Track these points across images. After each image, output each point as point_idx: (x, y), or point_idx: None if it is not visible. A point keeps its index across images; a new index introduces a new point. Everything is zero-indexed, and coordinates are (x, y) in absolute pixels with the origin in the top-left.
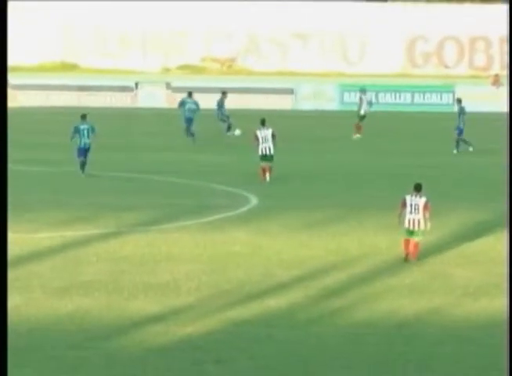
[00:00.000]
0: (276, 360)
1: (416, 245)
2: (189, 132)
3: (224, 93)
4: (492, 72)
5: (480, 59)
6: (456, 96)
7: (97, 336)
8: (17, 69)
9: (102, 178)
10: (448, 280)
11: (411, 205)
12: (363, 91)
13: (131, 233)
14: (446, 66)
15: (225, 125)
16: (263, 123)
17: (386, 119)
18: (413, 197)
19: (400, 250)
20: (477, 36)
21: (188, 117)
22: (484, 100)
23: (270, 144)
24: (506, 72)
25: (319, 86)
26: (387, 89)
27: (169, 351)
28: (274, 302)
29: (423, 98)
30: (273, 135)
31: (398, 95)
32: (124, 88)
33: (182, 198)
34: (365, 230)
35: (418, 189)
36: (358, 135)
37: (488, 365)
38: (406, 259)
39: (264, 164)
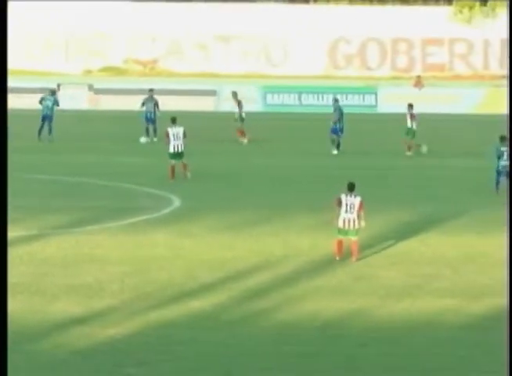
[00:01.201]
0: (199, 363)
1: (356, 244)
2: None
3: (151, 90)
4: (414, 74)
5: (402, 61)
6: (378, 98)
7: (20, 339)
8: None
9: (25, 180)
10: (371, 281)
11: (346, 205)
12: (235, 94)
13: (54, 235)
14: (368, 68)
15: (145, 127)
16: (174, 121)
17: (309, 120)
18: (348, 197)
19: (324, 251)
20: (399, 37)
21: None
22: (407, 102)
23: (181, 142)
24: (427, 74)
25: (242, 88)
26: (310, 91)
27: (91, 353)
28: (197, 304)
29: (346, 99)
30: (184, 133)
31: (320, 96)
32: (45, 90)
33: (105, 200)
34: (289, 231)
35: (352, 188)
36: (245, 140)
37: (411, 365)
38: (341, 258)
39: (174, 161)
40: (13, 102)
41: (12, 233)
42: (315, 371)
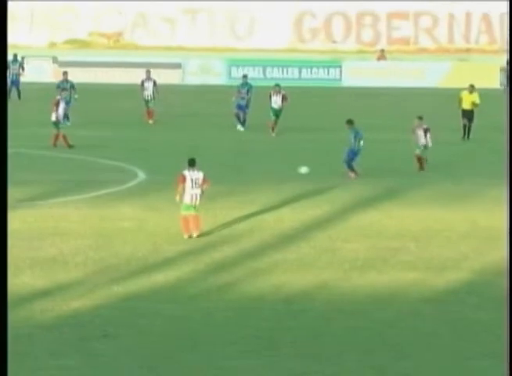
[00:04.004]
0: (163, 335)
1: (198, 219)
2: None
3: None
4: (379, 47)
5: (367, 35)
6: (342, 71)
7: None
8: None
9: None
10: (335, 255)
11: (192, 180)
12: (149, 72)
13: (18, 208)
14: (334, 42)
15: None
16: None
17: None
18: (192, 172)
19: (288, 225)
20: (365, 11)
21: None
22: (371, 75)
23: (60, 113)
24: (392, 48)
25: (207, 61)
26: (275, 64)
27: (56, 327)
28: (161, 277)
29: (311, 73)
30: (67, 103)
31: (285, 70)
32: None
33: (69, 173)
34: (254, 205)
35: (193, 164)
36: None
37: (375, 339)
38: (190, 237)
39: (57, 131)
40: None
41: None
42: (279, 345)
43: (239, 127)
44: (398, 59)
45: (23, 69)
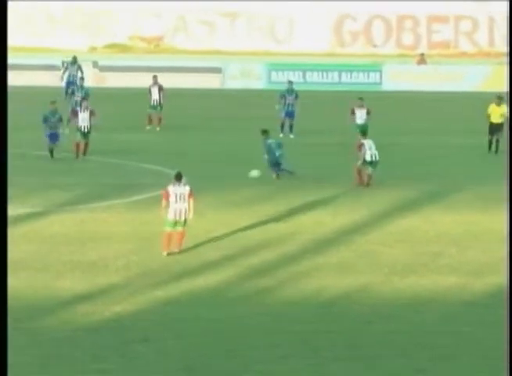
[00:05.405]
0: (204, 339)
1: (182, 235)
2: None
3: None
4: (420, 51)
5: (407, 38)
6: (382, 75)
7: (24, 316)
8: None
9: (28, 157)
10: (375, 259)
11: (176, 195)
12: (156, 77)
13: (59, 212)
14: (374, 45)
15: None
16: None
17: (313, 98)
18: (177, 187)
19: (327, 228)
20: (405, 15)
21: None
22: (411, 79)
23: (87, 123)
24: (432, 51)
25: (247, 65)
26: (315, 68)
27: (97, 330)
28: (201, 281)
29: (351, 77)
30: (91, 112)
31: (325, 74)
32: (50, 67)
33: (109, 177)
34: (292, 209)
35: (179, 178)
36: (158, 128)
37: (415, 342)
38: (170, 253)
39: (80, 139)
40: (15, 79)
41: (16, 210)
42: (319, 349)
43: (282, 135)
44: (438, 63)
45: (81, 71)
